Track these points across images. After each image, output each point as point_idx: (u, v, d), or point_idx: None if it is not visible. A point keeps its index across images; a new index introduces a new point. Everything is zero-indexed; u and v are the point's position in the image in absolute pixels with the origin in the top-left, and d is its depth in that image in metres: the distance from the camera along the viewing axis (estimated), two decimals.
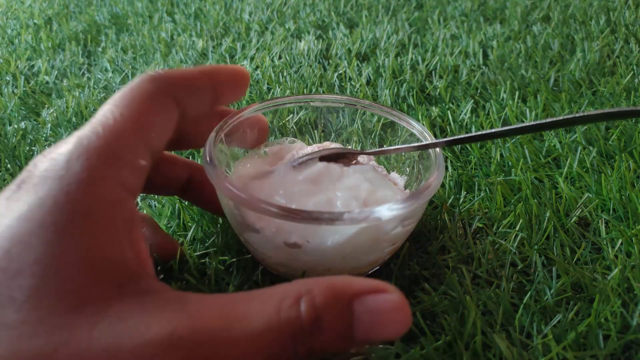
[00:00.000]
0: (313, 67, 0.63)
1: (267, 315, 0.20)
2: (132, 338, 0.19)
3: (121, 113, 0.24)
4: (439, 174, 0.29)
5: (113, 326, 0.19)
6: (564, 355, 0.27)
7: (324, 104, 0.38)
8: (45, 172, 0.22)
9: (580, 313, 0.30)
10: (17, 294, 0.19)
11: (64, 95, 0.58)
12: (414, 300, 0.31)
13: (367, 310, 0.21)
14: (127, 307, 0.20)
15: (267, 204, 0.26)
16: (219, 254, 0.33)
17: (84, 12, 0.87)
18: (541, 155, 0.45)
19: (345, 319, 0.21)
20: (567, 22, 0.76)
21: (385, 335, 0.22)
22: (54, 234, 0.20)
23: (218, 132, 0.31)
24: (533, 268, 0.33)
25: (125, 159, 0.23)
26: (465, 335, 0.28)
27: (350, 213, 0.25)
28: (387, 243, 0.30)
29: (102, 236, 0.21)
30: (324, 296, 0.21)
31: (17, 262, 0.19)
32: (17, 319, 0.18)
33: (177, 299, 0.21)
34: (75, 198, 0.21)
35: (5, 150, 0.46)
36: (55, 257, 0.20)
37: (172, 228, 0.37)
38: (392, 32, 0.73)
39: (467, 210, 0.38)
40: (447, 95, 0.55)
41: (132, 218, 0.23)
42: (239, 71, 0.31)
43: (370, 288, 0.21)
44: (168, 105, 0.27)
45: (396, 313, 0.21)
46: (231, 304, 0.21)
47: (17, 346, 0.18)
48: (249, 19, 0.79)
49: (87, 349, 0.18)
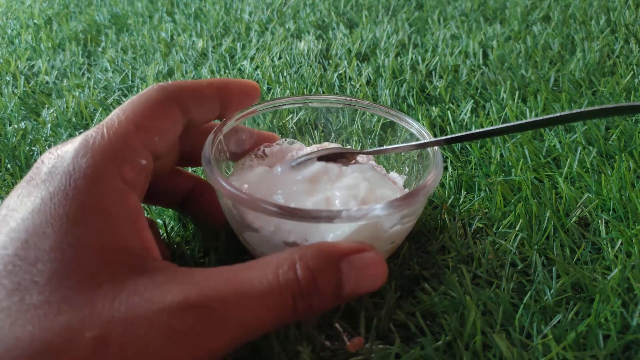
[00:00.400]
0: (313, 67, 0.63)
1: (267, 279, 0.23)
2: (149, 307, 0.21)
3: (126, 116, 0.27)
4: (437, 171, 0.29)
5: (130, 299, 0.21)
6: (564, 355, 0.27)
7: (323, 104, 0.38)
8: (53, 168, 0.24)
9: (580, 313, 0.30)
10: (38, 278, 0.21)
11: (64, 95, 0.58)
12: (414, 301, 0.31)
13: (353, 268, 0.25)
14: (141, 282, 0.22)
15: (265, 203, 0.26)
16: (219, 254, 0.33)
17: (84, 12, 0.87)
18: (541, 155, 0.45)
19: (335, 277, 0.25)
20: (567, 22, 0.76)
21: (367, 288, 0.25)
22: (67, 225, 0.22)
23: (217, 134, 0.31)
24: (533, 268, 0.33)
25: (126, 157, 0.25)
26: (465, 335, 0.28)
27: (348, 211, 0.26)
28: (387, 241, 0.30)
29: (108, 226, 0.23)
30: (316, 259, 0.24)
31: (35, 250, 0.21)
32: (41, 300, 0.20)
33: (185, 273, 0.23)
34: (83, 193, 0.23)
35: (5, 150, 0.46)
36: (71, 244, 0.22)
37: (173, 228, 0.37)
38: (392, 32, 0.73)
39: (467, 210, 0.38)
40: (447, 95, 0.55)
41: (135, 210, 0.25)
42: (248, 84, 0.33)
43: (353, 249, 0.25)
44: (173, 111, 0.29)
45: (377, 267, 0.25)
46: (233, 273, 0.23)
47: (46, 323, 0.20)
48: (249, 19, 0.79)
49: (110, 320, 0.20)
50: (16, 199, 0.24)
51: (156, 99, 0.28)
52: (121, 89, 0.60)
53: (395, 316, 0.30)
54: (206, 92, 0.30)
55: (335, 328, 0.29)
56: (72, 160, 0.24)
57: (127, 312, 0.21)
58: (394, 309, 0.30)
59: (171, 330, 0.21)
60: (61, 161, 0.24)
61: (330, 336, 0.29)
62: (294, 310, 0.23)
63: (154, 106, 0.28)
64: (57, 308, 0.20)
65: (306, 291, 0.23)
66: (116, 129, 0.26)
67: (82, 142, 0.25)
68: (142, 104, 0.28)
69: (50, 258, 0.21)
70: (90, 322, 0.20)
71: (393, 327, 0.30)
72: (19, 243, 0.21)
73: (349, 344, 0.28)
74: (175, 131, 0.29)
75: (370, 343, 0.28)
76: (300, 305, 0.23)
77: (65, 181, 0.23)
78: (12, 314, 0.20)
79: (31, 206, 0.23)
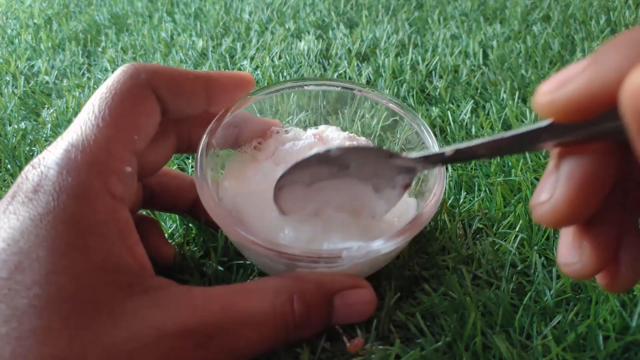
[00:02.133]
0: (313, 67, 0.63)
1: (264, 311, 0.24)
2: (150, 333, 0.21)
3: (103, 117, 0.25)
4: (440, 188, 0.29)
5: (131, 324, 0.21)
6: (564, 356, 0.27)
7: (318, 87, 0.36)
8: (38, 186, 0.23)
9: (580, 314, 0.30)
10: (36, 302, 0.20)
11: (64, 95, 0.58)
12: (414, 301, 0.31)
13: (345, 303, 0.27)
14: (140, 304, 0.22)
15: (262, 246, 0.25)
16: (219, 254, 0.33)
17: (84, 12, 0.87)
18: (541, 155, 0.45)
19: (327, 311, 0.26)
20: (567, 22, 0.76)
21: (354, 321, 0.28)
22: (60, 247, 0.21)
23: (210, 136, 0.30)
24: (533, 269, 0.33)
25: (111, 168, 0.25)
26: (465, 336, 0.28)
27: (348, 252, 0.25)
28: (385, 262, 0.30)
29: (101, 246, 0.23)
30: (313, 294, 0.25)
31: (30, 274, 0.21)
32: (41, 325, 0.20)
33: (184, 293, 0.24)
34: (72, 214, 0.22)
35: (5, 150, 0.46)
36: (66, 266, 0.21)
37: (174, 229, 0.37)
38: (392, 32, 0.73)
39: (467, 211, 0.38)
40: (447, 96, 0.55)
41: (126, 225, 0.24)
42: (240, 76, 0.31)
43: (349, 285, 0.27)
44: (148, 100, 0.27)
45: (367, 305, 0.27)
46: (231, 298, 0.24)
47: (46, 350, 0.19)
48: (249, 19, 0.79)
49: (113, 346, 0.20)
50: (2, 216, 0.23)
51: (129, 88, 0.26)
52: None
53: (395, 317, 0.30)
54: (186, 84, 0.28)
55: (335, 329, 0.29)
56: (57, 177, 0.23)
57: (127, 337, 0.21)
58: (394, 309, 0.30)
59: (170, 355, 0.22)
60: (45, 178, 0.23)
61: (330, 337, 0.29)
62: (284, 339, 0.25)
63: (129, 100, 0.26)
64: (58, 334, 0.20)
65: (299, 324, 0.25)
66: (96, 137, 0.24)
67: (63, 156, 0.24)
68: (116, 97, 0.26)
69: (47, 282, 0.21)
70: (92, 348, 0.20)
71: (393, 328, 0.30)
72: (13, 266, 0.21)
73: (348, 345, 0.28)
74: (152, 124, 0.27)
75: (370, 344, 0.28)
76: (290, 335, 0.25)
77: (53, 201, 0.22)
78: (12, 341, 0.19)
79: (20, 226, 0.22)
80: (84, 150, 0.24)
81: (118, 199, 0.24)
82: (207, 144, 0.30)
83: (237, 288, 0.25)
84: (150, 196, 0.33)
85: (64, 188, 0.23)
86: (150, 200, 0.33)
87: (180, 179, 0.34)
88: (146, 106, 0.27)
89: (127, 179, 0.25)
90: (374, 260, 0.28)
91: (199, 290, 0.24)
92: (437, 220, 0.37)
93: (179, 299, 0.23)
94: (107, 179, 0.24)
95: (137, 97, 0.26)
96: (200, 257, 0.34)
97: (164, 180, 0.33)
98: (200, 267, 0.33)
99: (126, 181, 0.25)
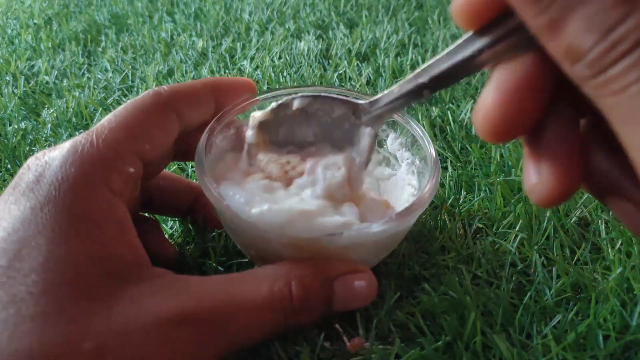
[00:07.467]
0: (313, 67, 0.63)
1: (261, 295, 0.24)
2: (145, 318, 0.21)
3: (117, 123, 0.26)
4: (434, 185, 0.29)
5: (127, 309, 0.21)
6: (564, 355, 0.27)
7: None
8: (40, 176, 0.24)
9: (580, 313, 0.30)
10: (33, 289, 0.21)
11: (64, 96, 0.58)
12: (414, 301, 0.31)
13: (345, 288, 0.26)
14: (137, 291, 0.22)
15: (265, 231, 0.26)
16: (219, 254, 0.33)
17: (84, 12, 0.87)
18: None
19: (327, 296, 0.26)
20: None
21: (355, 306, 0.27)
22: (59, 235, 0.22)
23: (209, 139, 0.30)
24: (533, 268, 0.33)
25: (114, 165, 0.25)
26: (465, 335, 0.28)
27: (350, 231, 0.26)
28: (384, 247, 0.30)
29: (99, 236, 0.23)
30: (312, 278, 0.25)
31: (29, 262, 0.21)
32: (38, 311, 0.20)
33: (181, 281, 0.24)
34: (72, 203, 0.23)
35: (5, 150, 0.46)
36: (64, 254, 0.22)
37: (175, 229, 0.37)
38: (392, 32, 0.73)
39: (467, 211, 0.38)
40: (447, 95, 0.55)
41: (123, 220, 0.25)
42: (242, 81, 0.33)
43: (348, 270, 0.26)
44: (168, 118, 0.28)
45: (367, 289, 0.26)
46: (228, 285, 0.24)
47: (43, 335, 0.20)
48: (249, 19, 0.79)
49: (107, 331, 0.20)
50: (3, 206, 0.23)
51: (150, 106, 0.28)
52: (121, 89, 0.60)
53: (395, 316, 0.30)
54: (201, 95, 0.30)
55: (335, 329, 0.29)
56: (60, 168, 0.24)
57: (123, 322, 0.21)
58: (394, 309, 0.30)
59: (166, 341, 0.21)
60: (48, 169, 0.24)
61: (330, 337, 0.29)
62: (284, 324, 0.25)
63: (147, 113, 0.27)
64: (55, 319, 0.20)
65: (298, 308, 0.25)
66: (105, 136, 0.25)
67: (70, 149, 0.25)
68: (135, 110, 0.27)
69: (45, 268, 0.21)
70: (88, 333, 0.20)
71: (393, 328, 0.30)
72: (12, 254, 0.21)
73: (348, 345, 0.28)
74: (168, 138, 0.28)
75: (370, 343, 0.28)
76: (289, 320, 0.25)
77: (54, 191, 0.23)
78: (9, 327, 0.20)
79: (21, 215, 0.22)
80: (91, 146, 0.25)
81: (117, 194, 0.25)
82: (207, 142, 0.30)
83: (235, 276, 0.25)
84: (150, 199, 0.33)
85: (65, 178, 0.23)
86: (150, 203, 0.33)
87: (178, 181, 0.35)
88: (163, 120, 0.28)
89: (128, 178, 0.26)
90: (375, 243, 0.28)
91: (196, 279, 0.24)
92: (437, 219, 0.37)
93: (176, 287, 0.23)
94: (109, 174, 0.25)
95: (155, 111, 0.28)
96: (199, 257, 0.34)
97: (163, 183, 0.34)
98: (199, 266, 0.33)
99: (127, 180, 0.26)
